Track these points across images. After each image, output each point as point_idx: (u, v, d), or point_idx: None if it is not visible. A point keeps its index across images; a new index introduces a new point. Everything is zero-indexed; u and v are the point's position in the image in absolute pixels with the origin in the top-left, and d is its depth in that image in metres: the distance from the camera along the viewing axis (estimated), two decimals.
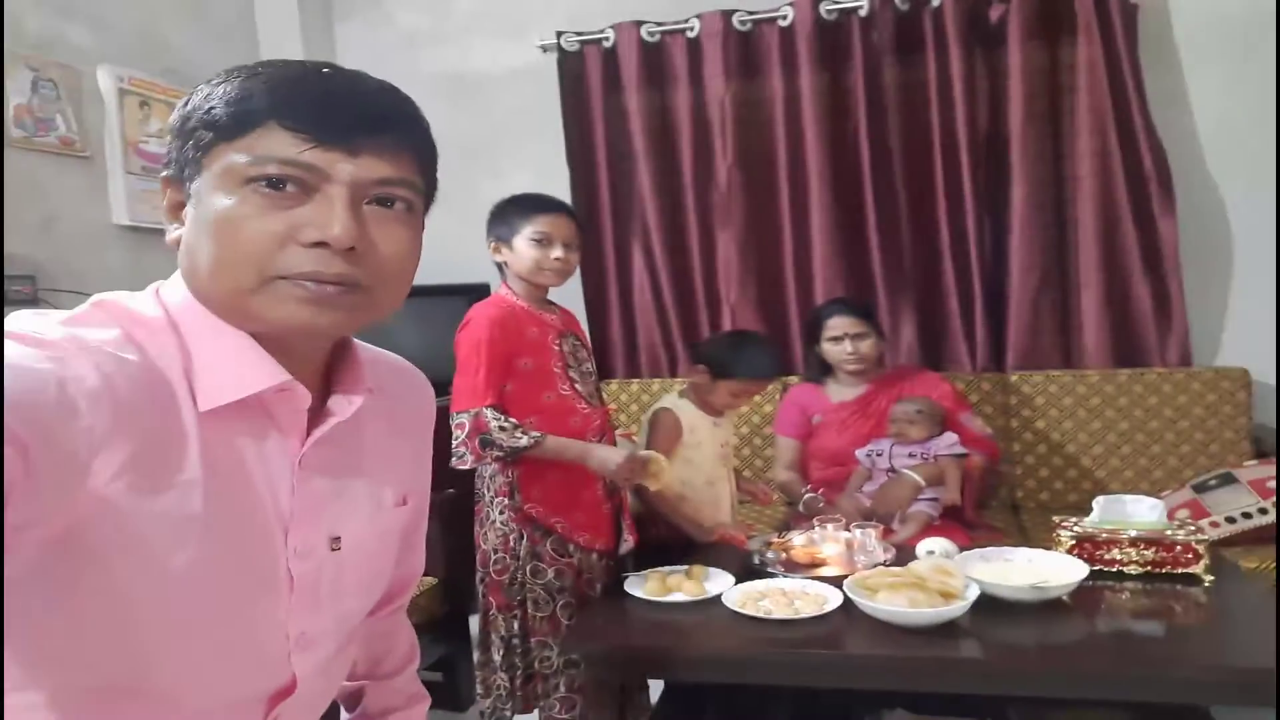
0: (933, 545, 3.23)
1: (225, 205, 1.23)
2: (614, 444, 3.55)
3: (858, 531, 3.39)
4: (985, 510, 4.78)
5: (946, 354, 5.32)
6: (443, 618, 4.10)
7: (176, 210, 1.32)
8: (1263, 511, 3.98)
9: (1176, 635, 2.76)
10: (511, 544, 3.37)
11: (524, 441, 3.20)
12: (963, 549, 3.24)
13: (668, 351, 5.67)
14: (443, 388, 2.54)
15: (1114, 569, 3.14)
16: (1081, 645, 2.67)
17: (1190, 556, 3.09)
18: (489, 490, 3.43)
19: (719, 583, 3.15)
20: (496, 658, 3.42)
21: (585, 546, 3.42)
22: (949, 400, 4.50)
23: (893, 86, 5.23)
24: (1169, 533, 3.12)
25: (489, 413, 3.19)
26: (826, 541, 3.44)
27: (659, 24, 5.49)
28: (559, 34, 5.61)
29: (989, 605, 2.82)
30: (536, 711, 3.43)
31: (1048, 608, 2.85)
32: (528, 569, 3.37)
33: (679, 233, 5.58)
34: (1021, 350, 5.12)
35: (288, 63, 1.29)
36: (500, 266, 3.47)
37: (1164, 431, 4.79)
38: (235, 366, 1.28)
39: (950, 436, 4.30)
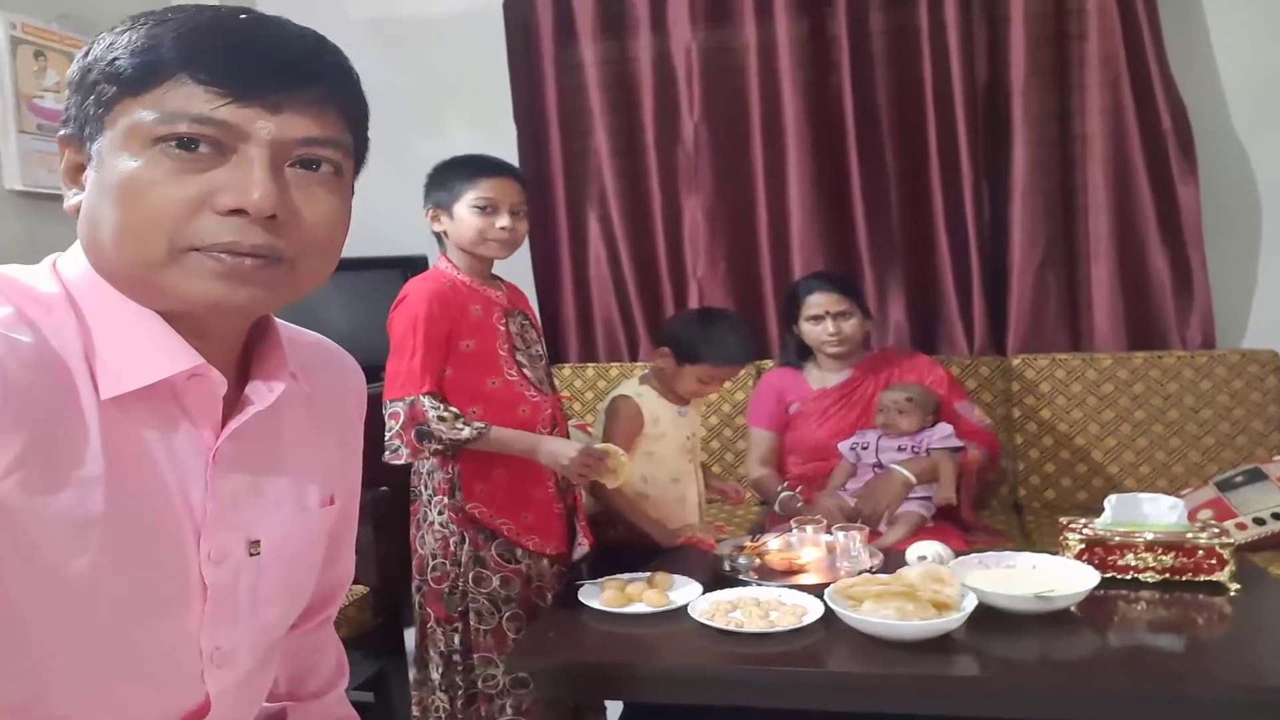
0: (925, 550, 3.25)
1: (131, 168, 1.22)
2: (567, 436, 3.57)
3: (840, 534, 3.40)
4: (984, 510, 4.82)
5: (940, 335, 5.34)
6: (375, 631, 4.09)
7: (76, 174, 1.31)
8: None
9: (1199, 651, 2.78)
10: (452, 548, 3.38)
11: (466, 433, 3.20)
12: (958, 554, 3.26)
13: (627, 332, 5.68)
14: (374, 373, 2.53)
15: (1128, 576, 3.14)
16: (1091, 662, 2.67)
17: (1214, 562, 3.09)
18: (427, 488, 3.44)
19: (685, 592, 3.15)
20: (435, 676, 3.43)
21: (535, 551, 3.44)
22: (943, 387, 4.54)
23: (880, 34, 5.24)
24: (1190, 536, 3.12)
25: (426, 401, 3.20)
26: (805, 545, 3.47)
27: None
28: None
29: (988, 617, 2.82)
30: None
31: (1053, 620, 2.86)
32: (470, 576, 3.37)
33: (640, 199, 5.58)
34: (1024, 331, 5.15)
35: (200, 8, 1.27)
36: (439, 236, 3.48)
37: (1184, 422, 4.83)
38: (141, 349, 1.28)
39: (944, 428, 4.34)
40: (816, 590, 3.01)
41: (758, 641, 2.79)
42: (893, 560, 3.35)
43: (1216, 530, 3.17)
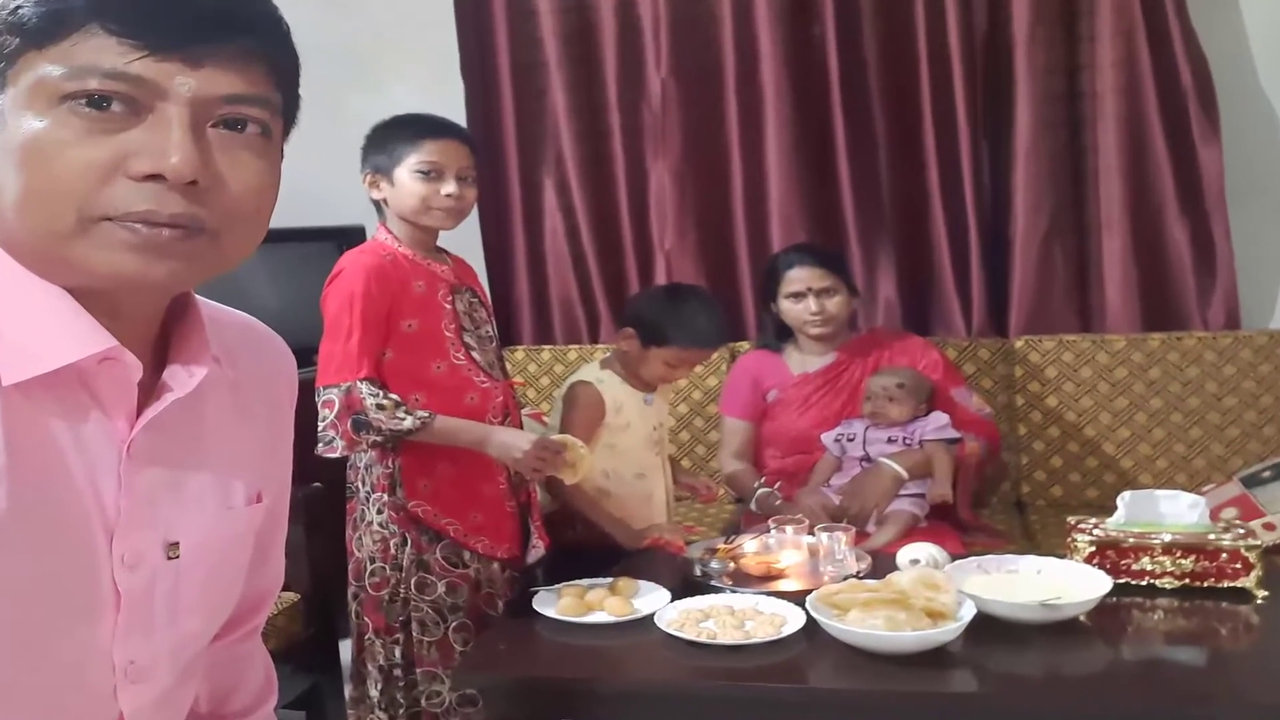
0: (918, 552, 3.28)
1: (35, 129, 1.21)
2: (520, 426, 3.58)
3: (824, 535, 3.41)
4: (983, 509, 4.84)
5: (935, 314, 5.36)
6: (307, 643, 4.10)
7: None
8: None
9: (1222, 665, 2.81)
10: (392, 551, 3.39)
11: (408, 423, 3.21)
12: (955, 557, 3.28)
13: (587, 311, 5.68)
14: (306, 356, 2.52)
15: (1143, 582, 3.15)
16: (1102, 677, 2.70)
17: (1239, 567, 3.09)
18: (364, 484, 3.45)
19: (651, 599, 3.16)
20: (373, 693, 3.44)
21: (484, 554, 3.46)
22: (938, 372, 4.57)
23: None
24: (1212, 537, 3.13)
25: (364, 387, 3.21)
26: (785, 548, 3.49)
27: None
28: None
29: (987, 627, 2.82)
30: None
31: (1061, 630, 2.87)
32: (412, 582, 3.39)
33: (602, 163, 5.58)
34: (1028, 309, 5.17)
35: None
36: (378, 205, 3.48)
37: (1206, 411, 4.86)
38: (48, 329, 1.27)
39: (939, 417, 4.38)
40: (797, 598, 3.02)
41: (732, 654, 2.81)
42: (882, 564, 3.36)
43: (1241, 531, 3.18)
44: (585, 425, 3.78)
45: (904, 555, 3.29)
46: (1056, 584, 3.01)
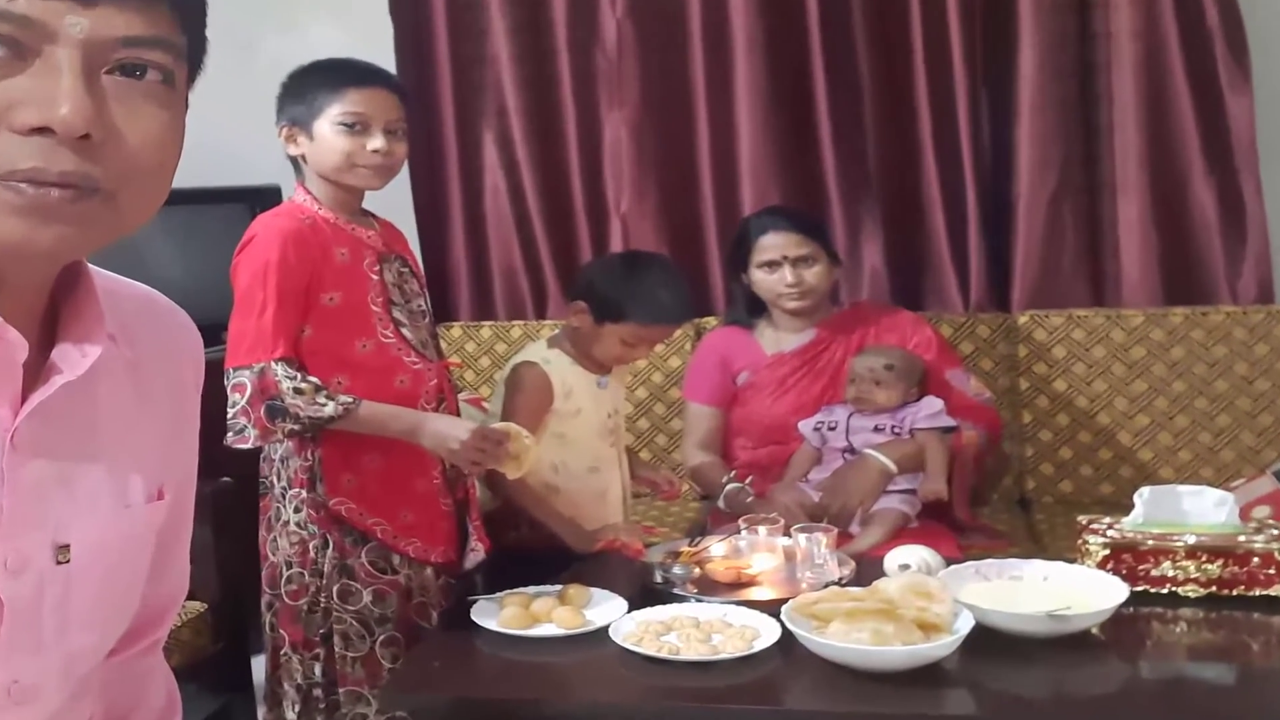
0: (908, 557, 3.29)
1: None
2: (457, 413, 3.60)
3: (801, 537, 3.44)
4: (982, 507, 4.86)
5: (928, 286, 5.39)
6: (215, 659, 4.11)
7: None
8: None
9: (1253, 683, 2.83)
10: (312, 555, 3.40)
11: (329, 409, 3.21)
12: (950, 562, 3.31)
13: (533, 283, 5.70)
14: (214, 333, 2.52)
15: (1164, 590, 3.16)
16: (1118, 699, 2.72)
17: (1272, 572, 3.10)
18: (280, 479, 3.45)
19: (605, 610, 3.18)
20: (290, 715, 3.45)
21: (416, 558, 3.47)
22: (931, 351, 4.59)
23: None
24: (1242, 539, 3.16)
25: (280, 369, 3.20)
26: (757, 551, 3.53)
27: None
28: None
29: (987, 642, 2.83)
30: None
31: (1070, 645, 2.87)
32: (335, 590, 3.39)
33: (549, 115, 5.59)
34: (1033, 281, 5.19)
35: None
36: (296, 162, 3.47)
37: (1235, 395, 4.89)
38: None
39: (932, 403, 4.39)
40: (771, 608, 3.03)
41: (697, 672, 2.81)
42: (867, 570, 3.38)
43: (1275, 532, 3.19)
44: (531, 412, 3.79)
45: (892, 559, 3.31)
46: (1065, 592, 3.02)
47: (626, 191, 5.48)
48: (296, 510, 3.40)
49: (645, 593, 3.31)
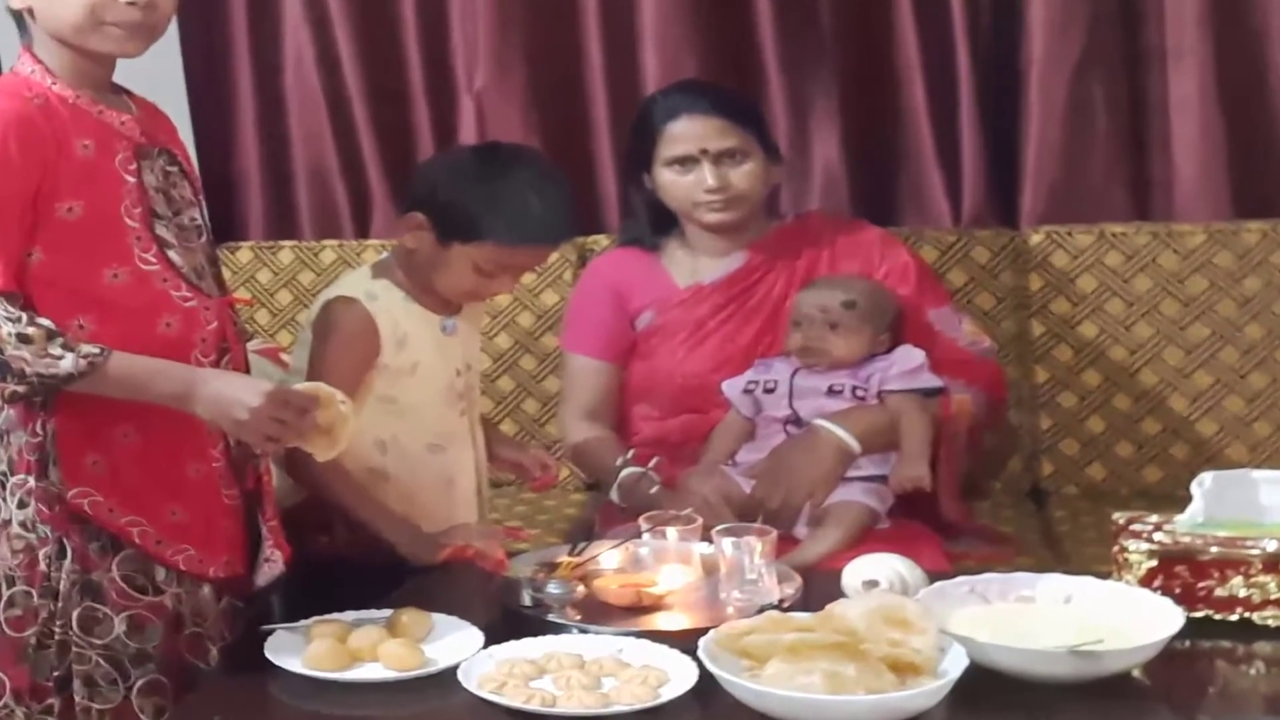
0: (876, 570, 3.22)
1: None
2: (246, 369, 3.53)
3: (727, 543, 3.34)
4: (979, 500, 4.88)
5: (903, 191, 5.41)
6: None
7: None
8: None
9: None
10: (42, 567, 3.28)
11: (67, 364, 3.08)
12: (935, 577, 3.25)
13: (351, 188, 5.72)
14: None
15: (1234, 615, 3.10)
16: None
17: None
18: None
19: (453, 644, 3.10)
20: None
21: (189, 572, 3.37)
22: (907, 283, 4.55)
23: None
24: None
25: None
26: (664, 563, 3.46)
27: None
28: None
29: (987, 687, 2.77)
30: None
31: (1103, 692, 2.80)
32: (74, 616, 3.27)
33: None
34: (1050, 185, 5.20)
35: None
36: (19, 18, 3.36)
37: None
38: None
39: (910, 355, 4.34)
40: (685, 640, 2.94)
41: None
42: (820, 588, 3.33)
43: None
44: (348, 367, 3.72)
45: (854, 574, 3.23)
46: (1095, 620, 2.96)
47: (481, 62, 5.50)
48: (21, 505, 3.29)
49: (509, 620, 3.24)
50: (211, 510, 3.41)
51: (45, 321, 3.07)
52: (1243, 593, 3.06)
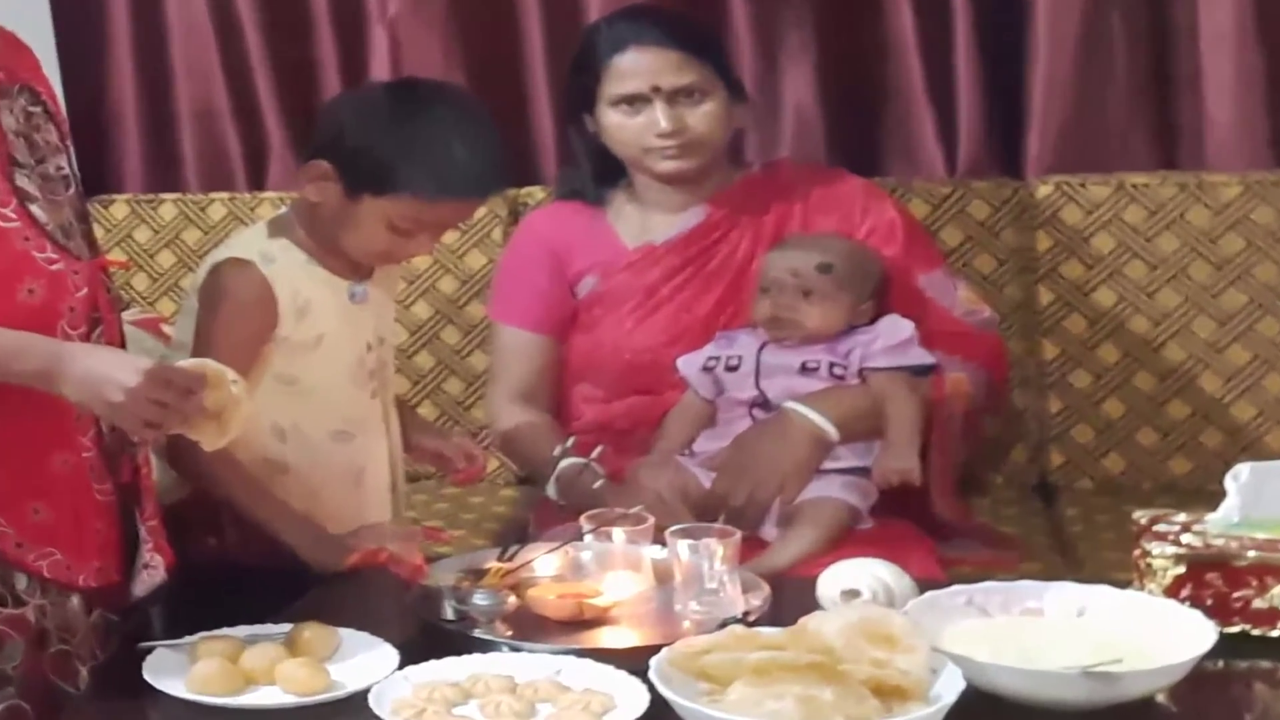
0: (857, 578, 3.25)
1: None
2: (121, 343, 3.54)
3: (683, 546, 3.36)
4: (978, 496, 4.91)
5: (889, 137, 5.45)
6: None
7: None
8: None
9: None
10: None
11: None
12: (926, 585, 3.27)
13: (243, 133, 5.74)
14: None
15: (1275, 631, 3.12)
16: None
17: None
18: None
19: (363, 664, 3.10)
20: None
21: (54, 580, 3.38)
22: (894, 243, 4.58)
23: None
24: None
25: None
26: (610, 569, 3.47)
27: None
28: None
29: (987, 714, 2.78)
30: None
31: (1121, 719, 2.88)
32: None
33: None
34: (1060, 129, 5.23)
35: None
36: None
37: None
38: None
39: (896, 327, 4.36)
40: (634, 660, 2.94)
41: None
42: (792, 599, 3.34)
43: None
44: (241, 341, 3.75)
45: (832, 582, 3.26)
46: (1113, 635, 2.98)
47: None
48: None
49: (428, 636, 3.25)
50: (81, 508, 3.40)
51: None
52: None
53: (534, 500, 4.59)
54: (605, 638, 3.24)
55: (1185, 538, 3.17)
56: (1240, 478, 3.28)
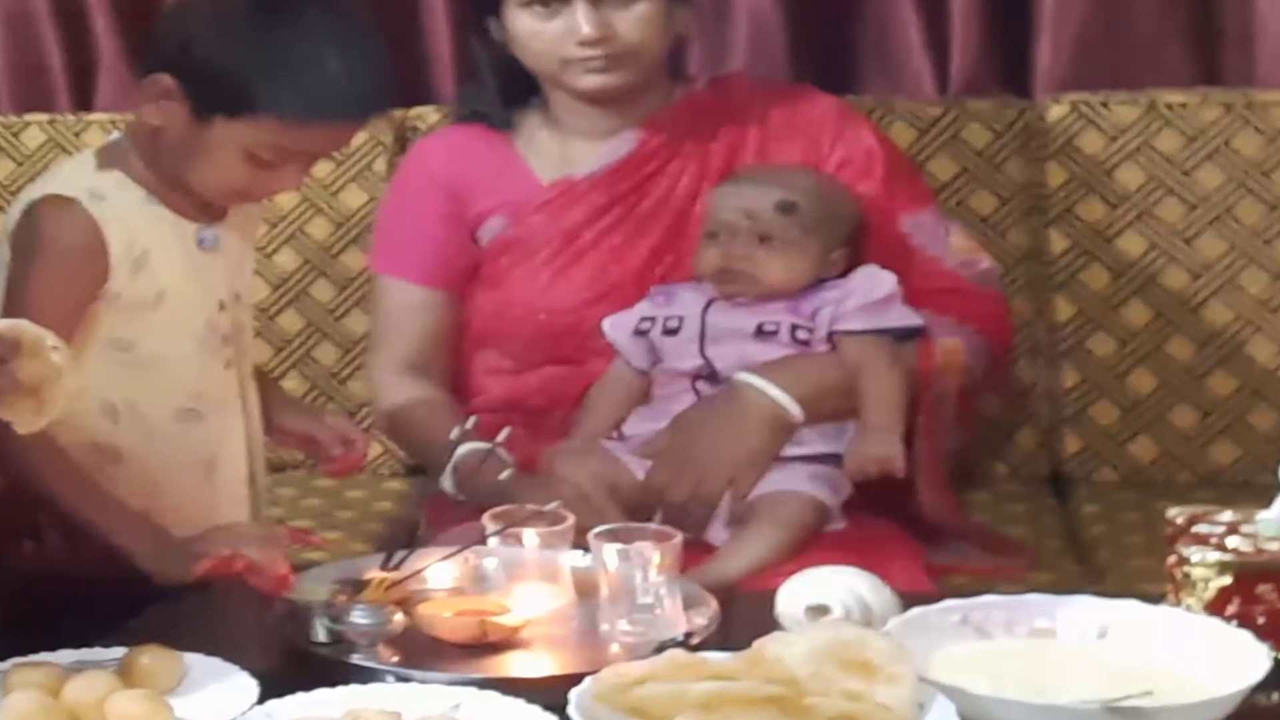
0: (826, 591, 3.19)
1: None
2: None
3: (610, 551, 3.31)
4: (976, 491, 4.91)
5: (867, 47, 5.44)
6: None
7: None
8: None
9: None
10: None
11: None
12: (911, 600, 3.23)
13: (68, 44, 5.70)
14: None
15: None
16: None
17: None
18: None
19: (214, 696, 3.04)
20: None
21: None
22: (873, 177, 4.53)
23: None
24: None
25: None
26: (520, 580, 3.42)
27: None
28: None
29: None
30: None
31: None
32: None
33: None
34: (1075, 38, 5.22)
35: None
36: None
37: None
38: None
39: (875, 280, 4.32)
40: (550, 691, 2.89)
41: None
42: (746, 616, 3.31)
43: None
44: (63, 297, 3.67)
45: (795, 596, 3.20)
46: (1142, 662, 2.95)
47: None
48: None
49: (295, 662, 3.20)
50: None
51: None
52: None
53: (426, 495, 4.55)
54: (514, 665, 3.18)
55: (1231, 541, 3.11)
56: None
